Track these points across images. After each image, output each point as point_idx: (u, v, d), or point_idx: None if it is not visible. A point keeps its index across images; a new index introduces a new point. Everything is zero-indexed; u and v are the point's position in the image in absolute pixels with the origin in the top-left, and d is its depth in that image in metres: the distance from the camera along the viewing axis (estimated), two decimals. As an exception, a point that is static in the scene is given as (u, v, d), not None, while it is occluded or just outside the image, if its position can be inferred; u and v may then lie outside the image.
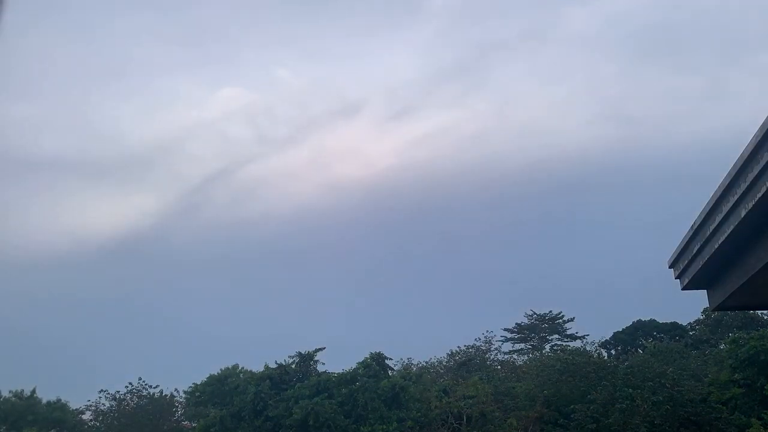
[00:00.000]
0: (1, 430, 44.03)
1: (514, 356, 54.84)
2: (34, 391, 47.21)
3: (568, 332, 57.91)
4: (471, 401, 34.41)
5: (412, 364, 47.87)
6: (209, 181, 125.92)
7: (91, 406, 45.26)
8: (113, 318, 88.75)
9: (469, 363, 48.22)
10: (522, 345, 58.51)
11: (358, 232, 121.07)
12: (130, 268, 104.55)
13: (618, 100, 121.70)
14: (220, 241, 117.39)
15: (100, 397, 44.88)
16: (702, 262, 7.24)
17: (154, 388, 45.49)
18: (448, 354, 51.61)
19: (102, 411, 44.73)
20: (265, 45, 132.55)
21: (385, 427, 33.76)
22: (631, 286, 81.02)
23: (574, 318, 58.11)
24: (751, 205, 5.62)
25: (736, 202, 5.86)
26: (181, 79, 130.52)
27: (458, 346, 51.97)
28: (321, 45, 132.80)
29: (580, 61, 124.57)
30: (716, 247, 6.70)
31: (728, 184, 5.90)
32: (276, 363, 38.67)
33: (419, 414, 34.63)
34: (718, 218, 6.37)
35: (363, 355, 38.27)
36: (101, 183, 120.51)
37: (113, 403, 44.51)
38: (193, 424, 44.85)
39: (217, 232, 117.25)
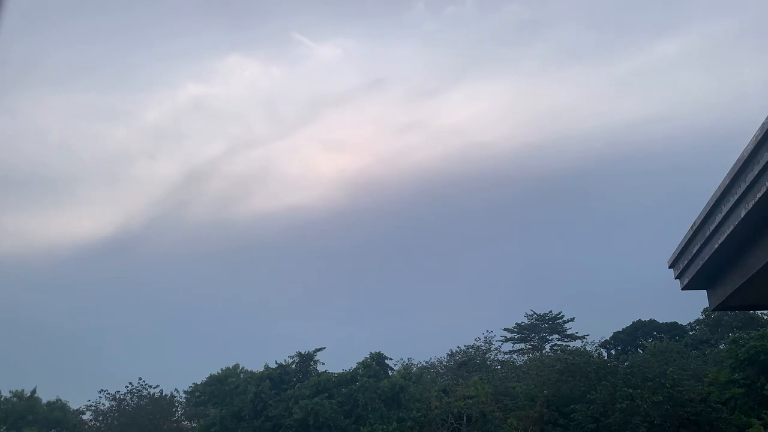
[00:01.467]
0: (2, 430, 44.05)
1: (514, 356, 55.00)
2: (34, 391, 47.26)
3: (568, 332, 57.93)
4: (471, 401, 34.41)
5: (412, 364, 47.95)
6: (211, 172, 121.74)
7: (91, 406, 45.36)
8: (113, 318, 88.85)
9: (469, 363, 48.30)
10: (522, 345, 58.53)
11: (357, 229, 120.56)
12: (129, 267, 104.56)
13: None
14: (218, 239, 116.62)
15: (100, 397, 45.03)
16: (702, 262, 7.24)
17: (154, 388, 45.60)
18: (448, 354, 51.80)
19: (102, 411, 44.80)
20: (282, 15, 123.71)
21: (385, 427, 33.77)
22: (631, 286, 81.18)
23: (574, 318, 58.17)
24: (751, 205, 5.63)
25: (736, 202, 5.87)
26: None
27: (458, 346, 52.21)
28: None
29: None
30: (716, 247, 6.70)
31: (728, 184, 5.91)
32: (276, 363, 38.71)
33: (419, 414, 34.64)
34: (718, 218, 6.38)
35: (363, 355, 38.40)
36: (99, 178, 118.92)
37: (113, 403, 44.59)
38: (193, 424, 44.90)
39: (215, 230, 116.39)
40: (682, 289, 8.32)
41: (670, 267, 8.35)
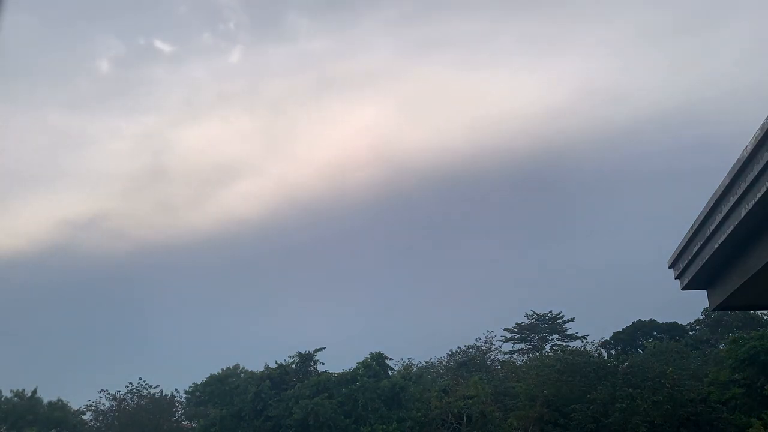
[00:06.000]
0: (2, 430, 44.07)
1: (514, 356, 55.05)
2: (35, 391, 47.26)
3: (568, 332, 57.93)
4: (471, 401, 34.44)
5: (412, 364, 47.99)
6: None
7: (91, 406, 45.39)
8: (113, 318, 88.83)
9: (469, 363, 48.32)
10: (522, 345, 58.54)
11: (356, 229, 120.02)
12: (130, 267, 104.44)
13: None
14: (221, 239, 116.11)
15: (100, 397, 45.07)
16: (702, 262, 7.24)
17: (154, 388, 45.64)
18: (448, 354, 51.87)
19: (102, 411, 44.83)
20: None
21: (385, 427, 33.78)
22: (631, 286, 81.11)
23: (574, 318, 58.17)
24: (751, 205, 5.64)
25: (736, 202, 5.88)
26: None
27: (458, 346, 52.28)
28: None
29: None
30: (716, 247, 6.71)
31: (728, 184, 5.92)
32: (276, 363, 38.73)
33: (419, 414, 34.65)
34: (718, 218, 6.39)
35: (363, 355, 38.42)
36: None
37: (113, 403, 44.63)
38: (193, 424, 44.93)
39: (216, 230, 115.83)
40: (682, 289, 8.33)
41: (670, 267, 8.35)
